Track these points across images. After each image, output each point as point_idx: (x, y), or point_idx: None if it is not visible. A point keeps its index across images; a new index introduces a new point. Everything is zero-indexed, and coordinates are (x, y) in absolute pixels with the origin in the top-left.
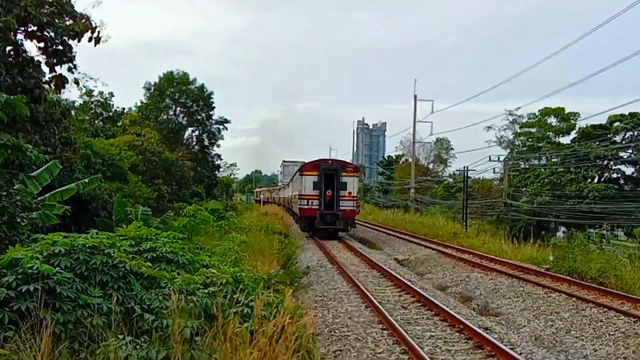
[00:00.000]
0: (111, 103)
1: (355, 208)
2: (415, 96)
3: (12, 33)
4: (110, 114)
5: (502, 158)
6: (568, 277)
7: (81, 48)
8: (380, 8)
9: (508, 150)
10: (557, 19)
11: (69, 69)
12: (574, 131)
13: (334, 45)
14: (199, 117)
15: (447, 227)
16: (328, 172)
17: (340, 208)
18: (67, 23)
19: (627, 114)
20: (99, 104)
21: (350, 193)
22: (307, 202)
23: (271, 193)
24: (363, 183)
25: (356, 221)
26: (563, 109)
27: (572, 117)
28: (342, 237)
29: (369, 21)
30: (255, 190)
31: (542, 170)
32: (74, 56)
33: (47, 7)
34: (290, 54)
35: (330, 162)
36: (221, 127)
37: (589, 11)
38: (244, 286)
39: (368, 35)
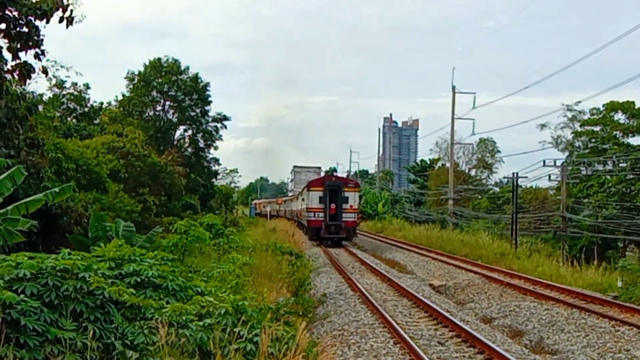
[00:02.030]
0: (87, 96)
1: (356, 219)
2: (453, 87)
3: None
4: (86, 109)
5: (559, 162)
6: None
7: (50, 30)
8: None
9: (566, 154)
10: None
11: (36, 56)
12: None
13: (355, 24)
14: (192, 114)
15: (492, 247)
16: (332, 188)
17: (343, 219)
18: (34, 0)
19: None
20: (72, 97)
21: (351, 206)
22: (314, 214)
23: (279, 205)
24: (391, 193)
25: (381, 238)
26: (633, 102)
27: None
28: (365, 259)
29: None
30: (254, 201)
31: (608, 177)
32: (42, 40)
33: None
34: (302, 34)
35: (334, 178)
36: (219, 125)
37: None
38: (247, 317)
39: (397, 11)
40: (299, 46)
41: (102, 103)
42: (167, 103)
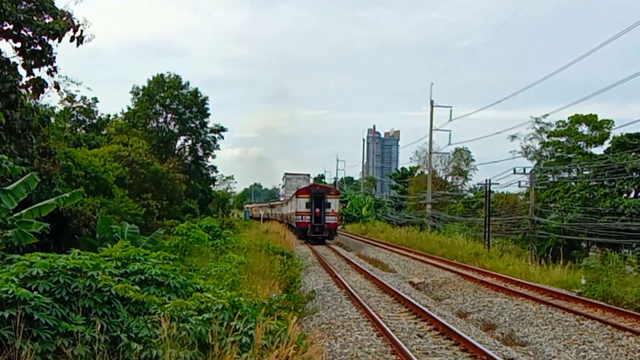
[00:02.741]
0: (95, 109)
1: (336, 221)
2: (432, 102)
3: None
4: (94, 121)
5: (528, 170)
6: (602, 303)
7: (62, 49)
8: (395, 2)
9: (535, 162)
10: (592, 15)
11: (49, 72)
12: (608, 141)
13: (343, 45)
14: (192, 125)
15: (467, 247)
16: (317, 195)
17: (326, 221)
18: (47, 21)
19: None
20: (81, 110)
21: (333, 210)
22: (302, 217)
23: (271, 209)
24: (374, 198)
25: (365, 239)
26: (596, 116)
27: (605, 125)
28: (351, 258)
29: (382, 17)
30: (247, 205)
31: (573, 184)
32: (54, 57)
33: (24, 3)
34: (294, 53)
35: (318, 187)
36: (217, 136)
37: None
38: (243, 312)
39: (381, 34)
40: (291, 64)
41: (109, 115)
42: (169, 115)
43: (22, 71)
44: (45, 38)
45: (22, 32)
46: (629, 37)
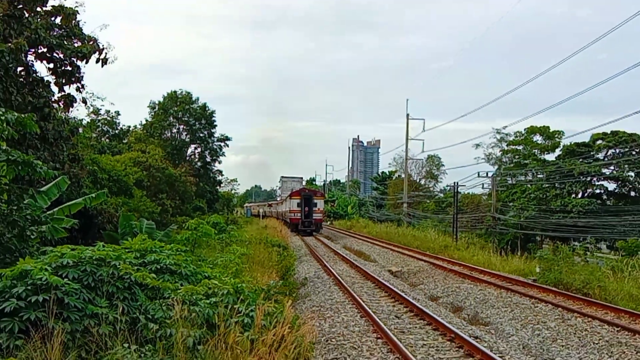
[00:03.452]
0: (117, 121)
1: (322, 217)
2: (407, 115)
3: (23, 54)
4: (117, 131)
5: (490, 174)
6: (554, 288)
7: (89, 69)
8: (376, 29)
9: (496, 167)
10: (544, 43)
11: (77, 89)
12: (559, 149)
13: (332, 65)
14: (201, 135)
15: (438, 240)
16: (306, 197)
17: (313, 217)
18: (76, 45)
19: (609, 132)
20: (105, 122)
21: (319, 209)
22: (294, 214)
23: (270, 207)
24: (358, 198)
25: (350, 234)
26: (548, 127)
27: (556, 135)
28: (338, 250)
29: (367, 42)
30: (246, 204)
31: (529, 186)
32: (82, 76)
33: (56, 29)
34: (291, 73)
35: (307, 190)
36: (222, 144)
37: (573, 35)
38: (245, 297)
39: (366, 56)
40: (288, 82)
41: (129, 126)
42: (181, 126)
43: (54, 88)
44: (75, 60)
45: (55, 54)
46: (575, 60)
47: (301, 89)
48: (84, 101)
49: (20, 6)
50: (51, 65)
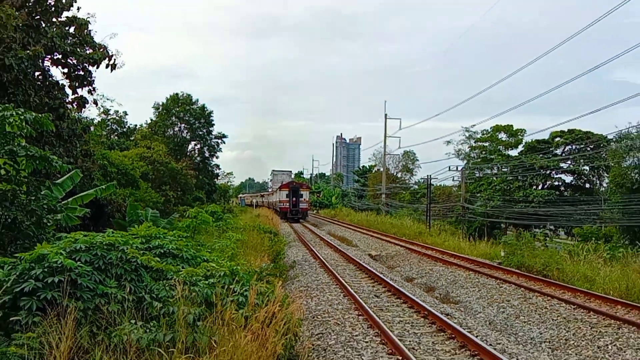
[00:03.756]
0: (125, 120)
1: (307, 207)
2: (385, 115)
3: (40, 60)
4: (124, 129)
5: (459, 168)
6: (517, 270)
7: (99, 73)
8: (360, 37)
9: (465, 162)
10: (510, 50)
11: (89, 91)
12: (521, 145)
13: (319, 70)
14: (200, 133)
15: (413, 227)
16: (294, 189)
17: (300, 207)
18: (88, 52)
19: (566, 130)
20: (114, 121)
21: (304, 199)
22: (283, 204)
23: (262, 198)
24: (342, 189)
25: (334, 222)
26: (512, 126)
27: (519, 133)
28: (323, 236)
29: (351, 48)
30: (240, 195)
31: (494, 178)
32: (93, 80)
33: (70, 38)
34: (282, 76)
35: (295, 183)
36: (219, 141)
37: (535, 43)
38: (240, 278)
39: (350, 61)
40: (280, 85)
41: (136, 125)
42: (182, 125)
43: (68, 91)
44: (87, 65)
45: (69, 60)
46: (537, 65)
47: (291, 92)
48: (95, 102)
49: (38, 17)
50: (65, 70)
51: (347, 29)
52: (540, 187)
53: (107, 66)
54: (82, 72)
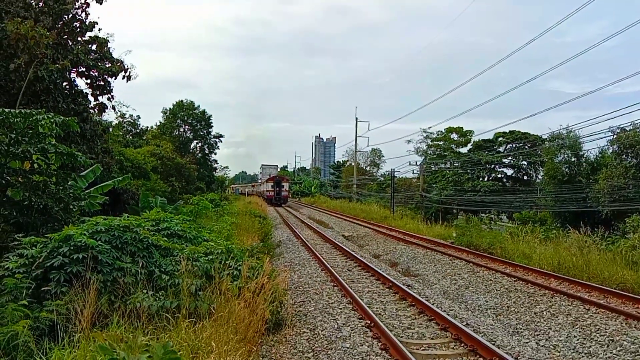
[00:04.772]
0: (138, 123)
1: (288, 194)
2: (356, 118)
3: (67, 73)
4: (138, 130)
5: (418, 163)
6: (466, 249)
7: (117, 83)
8: (333, 53)
9: (423, 157)
10: (460, 63)
11: (108, 99)
12: (470, 144)
13: (299, 81)
14: (201, 133)
15: (379, 213)
16: (277, 181)
17: (282, 195)
18: (107, 65)
19: (508, 131)
20: (129, 123)
21: (285, 189)
22: (269, 192)
23: (253, 188)
24: (320, 180)
25: (314, 208)
26: (462, 128)
27: (468, 134)
28: (304, 220)
29: (325, 62)
30: (232, 185)
31: (447, 172)
32: (112, 89)
33: (92, 54)
34: (268, 86)
35: (277, 177)
36: (217, 140)
37: (480, 58)
38: (234, 255)
39: (325, 73)
40: (265, 93)
41: (147, 127)
42: (186, 127)
43: (90, 98)
44: (106, 77)
45: (91, 72)
46: (483, 76)
47: (275, 98)
48: (113, 108)
49: (65, 36)
50: (88, 81)
51: (321, 47)
52: (486, 179)
53: (123, 77)
54: (102, 83)
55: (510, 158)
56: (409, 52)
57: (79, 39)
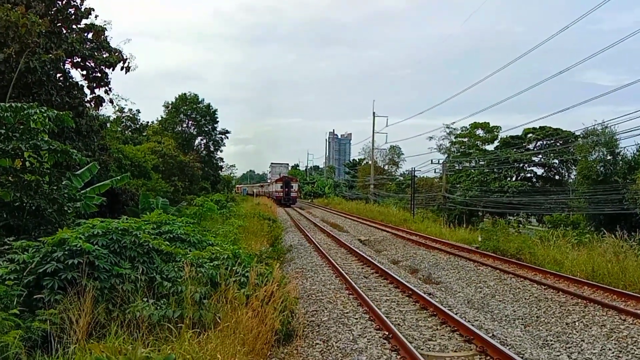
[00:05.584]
0: (138, 118)
1: (296, 195)
2: (374, 113)
3: (61, 63)
4: (137, 126)
5: (441, 161)
6: (493, 254)
7: (115, 75)
8: (347, 42)
9: (446, 155)
10: (487, 54)
11: (105, 91)
12: (497, 140)
13: (312, 73)
14: (206, 129)
15: (398, 215)
16: (286, 181)
17: (291, 195)
18: (104, 55)
19: (538, 127)
20: (128, 118)
21: (294, 189)
22: (278, 193)
23: (262, 188)
24: (334, 180)
25: (327, 210)
26: (488, 123)
27: (495, 130)
28: (317, 222)
29: (339, 53)
30: (237, 186)
31: (472, 171)
32: (109, 81)
33: (88, 43)
34: (278, 79)
35: (286, 178)
36: (223, 136)
37: (510, 48)
38: (241, 260)
39: (339, 64)
40: (276, 86)
41: (148, 122)
42: (190, 122)
43: (87, 91)
44: (103, 68)
45: (87, 63)
46: (512, 67)
47: (286, 92)
48: (111, 101)
49: (59, 24)
50: (84, 72)
51: (334, 36)
52: (514, 179)
53: (121, 68)
54: (99, 74)
55: (540, 156)
56: (430, 41)
57: (74, 26)
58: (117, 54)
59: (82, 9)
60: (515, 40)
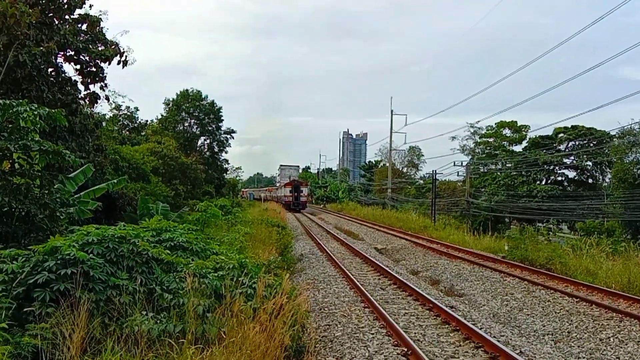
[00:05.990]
0: (136, 116)
1: (306, 200)
2: (391, 111)
3: (53, 57)
4: (136, 125)
5: (464, 164)
6: (520, 264)
7: (111, 69)
8: (363, 35)
9: (470, 157)
10: (512, 48)
11: (101, 87)
12: (525, 141)
13: (324, 67)
14: (209, 128)
15: (418, 222)
16: (295, 186)
17: (300, 200)
18: (100, 48)
19: (569, 126)
20: (126, 116)
21: (304, 194)
22: (287, 198)
23: (270, 192)
24: (348, 184)
25: (341, 215)
26: (516, 122)
27: (523, 129)
28: (330, 229)
29: (354, 47)
30: (243, 189)
31: (498, 173)
32: (105, 76)
33: (82, 35)
34: (288, 75)
35: (296, 181)
36: (228, 136)
37: (537, 41)
38: (248, 270)
39: (353, 59)
40: (285, 82)
41: (147, 121)
42: (192, 121)
43: (81, 87)
44: (99, 61)
45: (81, 57)
46: (539, 62)
47: (297, 88)
48: (107, 98)
49: (51, 14)
50: (78, 67)
51: (348, 28)
52: (543, 182)
53: (118, 62)
54: (94, 69)
55: (572, 158)
56: (451, 35)
57: (67, 17)
58: (113, 46)
59: None
60: (540, 33)
